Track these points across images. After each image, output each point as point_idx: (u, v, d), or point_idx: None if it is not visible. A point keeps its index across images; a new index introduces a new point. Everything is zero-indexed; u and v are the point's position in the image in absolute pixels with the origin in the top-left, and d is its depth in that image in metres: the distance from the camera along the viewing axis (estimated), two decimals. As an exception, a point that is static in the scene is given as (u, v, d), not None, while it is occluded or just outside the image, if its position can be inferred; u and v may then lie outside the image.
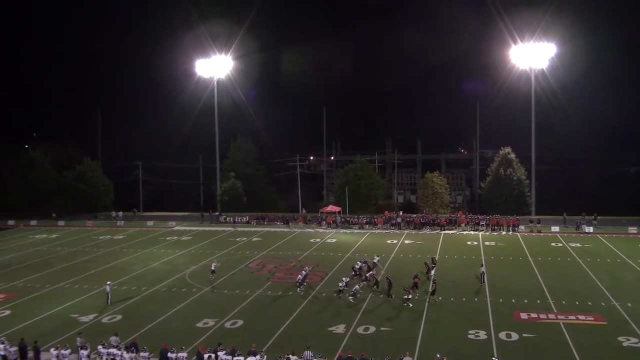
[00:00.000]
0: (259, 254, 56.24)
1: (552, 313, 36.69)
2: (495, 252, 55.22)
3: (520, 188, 77.54)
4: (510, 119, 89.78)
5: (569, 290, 41.42)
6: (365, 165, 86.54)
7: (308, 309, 38.57)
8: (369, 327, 34.49)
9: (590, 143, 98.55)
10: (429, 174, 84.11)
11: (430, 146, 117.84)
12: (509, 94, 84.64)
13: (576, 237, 62.73)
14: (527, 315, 36.26)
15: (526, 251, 55.75)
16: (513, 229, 67.17)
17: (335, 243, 62.37)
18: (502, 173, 77.77)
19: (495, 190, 78.51)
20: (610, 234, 64.21)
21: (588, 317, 35.77)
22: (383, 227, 70.70)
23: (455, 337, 32.76)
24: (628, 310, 37.04)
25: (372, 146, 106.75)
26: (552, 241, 60.64)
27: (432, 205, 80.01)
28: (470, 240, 62.44)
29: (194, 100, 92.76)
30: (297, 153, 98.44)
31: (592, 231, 65.36)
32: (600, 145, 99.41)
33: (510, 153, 79.37)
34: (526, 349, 31.07)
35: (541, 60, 74.15)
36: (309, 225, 73.53)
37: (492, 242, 60.63)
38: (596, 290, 41.92)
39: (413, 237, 64.54)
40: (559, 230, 66.47)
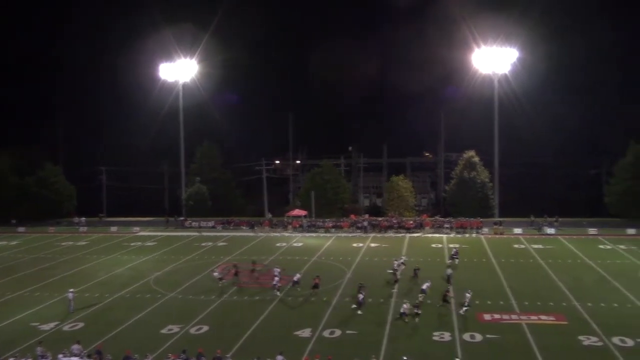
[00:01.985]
0: (224, 259, 55.86)
1: (515, 314, 37.26)
2: (459, 254, 55.75)
3: (484, 191, 78.69)
4: (475, 123, 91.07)
5: (531, 291, 42.09)
6: (331, 169, 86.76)
7: (274, 313, 38.48)
8: (335, 331, 34.54)
9: (553, 146, 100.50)
10: (394, 178, 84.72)
11: (395, 150, 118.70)
12: (473, 98, 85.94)
13: (538, 239, 63.84)
14: (490, 316, 36.73)
15: (489, 253, 56.53)
16: (477, 231, 68.08)
17: (301, 247, 62.38)
18: (466, 176, 78.79)
19: (459, 193, 79.51)
20: (571, 235, 65.49)
21: (550, 317, 36.40)
22: (349, 230, 70.93)
23: (420, 340, 33.03)
24: (588, 310, 37.82)
25: (338, 150, 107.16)
26: (515, 243, 61.61)
27: (398, 208, 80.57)
28: (435, 242, 63.06)
29: (159, 104, 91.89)
30: (264, 157, 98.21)
31: (554, 233, 66.61)
32: (562, 148, 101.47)
33: (474, 156, 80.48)
34: (490, 349, 31.50)
35: (504, 64, 75.42)
36: (275, 230, 73.38)
37: (456, 245, 61.23)
38: (557, 290, 42.71)
39: (379, 241, 64.89)
40: (521, 232, 67.55)
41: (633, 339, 32.39)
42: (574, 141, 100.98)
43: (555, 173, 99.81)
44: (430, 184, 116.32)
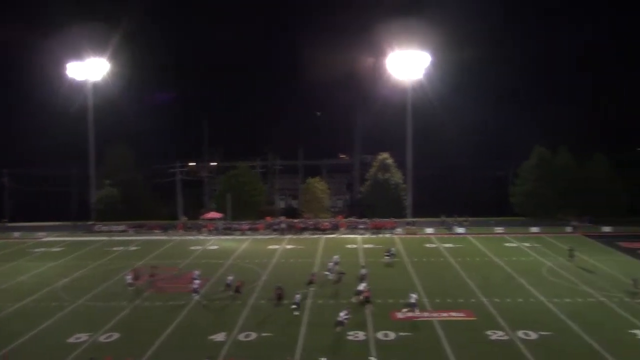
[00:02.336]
0: (136, 264, 54.28)
1: (427, 311, 38.22)
2: (373, 254, 56.72)
3: (398, 192, 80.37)
4: (389, 126, 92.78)
5: (442, 289, 43.33)
6: (247, 171, 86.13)
7: (189, 318, 37.75)
8: (250, 334, 34.28)
9: (463, 149, 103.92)
10: (310, 180, 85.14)
11: (312, 152, 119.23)
12: (389, 101, 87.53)
13: (448, 238, 65.83)
14: (403, 315, 37.50)
15: (403, 252, 57.73)
16: (391, 231, 69.45)
17: (216, 250, 61.57)
18: (381, 178, 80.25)
19: (374, 195, 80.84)
20: (480, 234, 67.93)
21: (459, 314, 37.58)
22: (265, 232, 70.66)
23: (334, 339, 33.26)
24: (495, 305, 39.34)
25: (254, 152, 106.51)
26: (427, 242, 63.26)
27: (314, 210, 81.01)
28: (350, 243, 63.80)
29: (67, 104, 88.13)
30: (178, 159, 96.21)
31: (464, 232, 68.91)
32: (471, 151, 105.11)
33: (388, 158, 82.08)
34: (402, 347, 32.15)
35: (417, 69, 77.19)
36: (190, 233, 72.09)
37: (370, 245, 62.27)
38: (466, 287, 44.18)
39: (294, 242, 64.99)
40: (433, 231, 69.46)
41: (536, 332, 33.95)
42: (483, 144, 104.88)
43: (465, 175, 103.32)
44: (346, 186, 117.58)
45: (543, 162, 78.80)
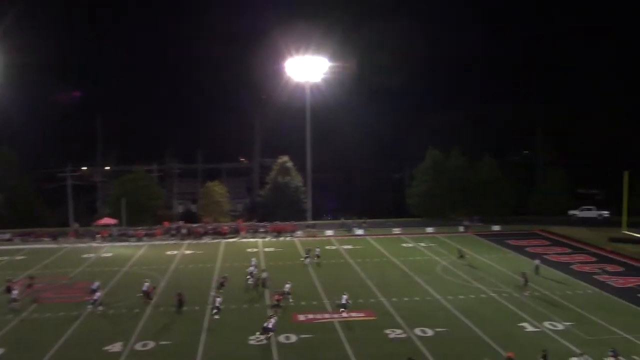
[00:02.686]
0: (22, 274, 51.14)
1: (327, 313, 38.60)
2: (274, 258, 56.67)
3: (298, 195, 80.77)
4: (289, 129, 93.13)
5: (343, 290, 43.73)
6: (144, 175, 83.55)
7: (81, 329, 36.03)
8: (148, 343, 33.21)
9: (361, 152, 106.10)
10: (209, 183, 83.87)
11: (211, 156, 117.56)
12: (288, 104, 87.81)
13: (348, 240, 66.84)
14: (304, 316, 37.67)
15: (303, 255, 57.94)
16: (291, 234, 69.61)
17: (111, 257, 59.17)
18: (281, 181, 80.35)
19: (274, 198, 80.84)
20: (378, 235, 69.44)
21: (359, 314, 38.21)
22: (162, 238, 68.81)
23: (236, 345, 32.89)
24: (393, 304, 40.33)
25: (151, 156, 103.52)
26: (327, 244, 63.88)
27: (213, 214, 79.82)
28: (250, 247, 63.33)
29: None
30: (69, 163, 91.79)
31: (362, 233, 70.20)
32: (369, 153, 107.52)
33: (288, 161, 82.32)
34: (304, 349, 32.25)
35: (316, 73, 77.84)
36: (82, 240, 68.91)
37: (271, 248, 62.13)
38: (366, 288, 45.01)
39: (194, 247, 63.68)
40: (332, 233, 70.28)
41: (432, 329, 35.11)
42: (380, 147, 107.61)
43: (364, 177, 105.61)
44: (246, 189, 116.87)
45: (437, 164, 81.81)
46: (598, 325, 35.92)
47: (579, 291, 43.92)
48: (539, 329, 35.24)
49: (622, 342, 32.69)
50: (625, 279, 47.49)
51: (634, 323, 36.27)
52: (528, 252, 58.05)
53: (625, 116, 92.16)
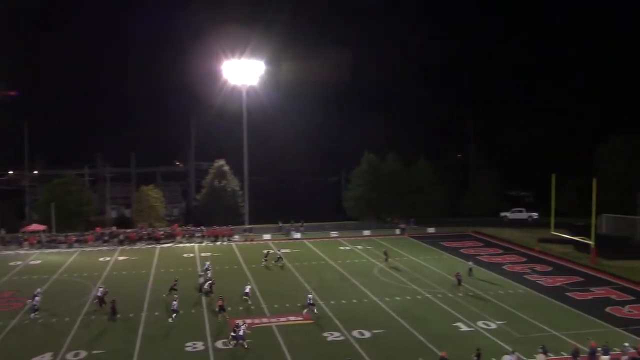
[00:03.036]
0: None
1: (266, 317, 38.38)
2: (212, 263, 55.78)
3: (235, 199, 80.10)
4: (225, 132, 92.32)
5: (281, 294, 43.74)
6: (74, 179, 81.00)
7: (8, 340, 34.54)
8: (80, 353, 32.13)
9: (299, 155, 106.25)
10: (143, 188, 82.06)
11: (145, 159, 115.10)
12: (224, 108, 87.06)
13: (286, 243, 66.68)
14: (242, 321, 37.25)
15: (240, 260, 57.56)
16: (228, 238, 68.94)
17: (39, 264, 56.99)
18: (217, 185, 79.48)
19: (210, 202, 79.88)
20: (315, 238, 69.64)
21: (298, 318, 38.15)
22: (94, 244, 66.83)
23: (172, 352, 32.27)
24: (331, 307, 40.47)
25: (82, 159, 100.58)
26: (265, 248, 63.48)
27: (148, 219, 78.18)
28: (186, 252, 62.34)
29: None
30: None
31: (300, 237, 70.22)
32: (306, 157, 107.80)
33: (225, 165, 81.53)
34: (242, 354, 31.88)
35: (252, 76, 77.46)
36: (8, 247, 66.13)
37: (208, 253, 61.33)
38: (304, 291, 44.92)
39: (127, 253, 62.13)
40: (270, 237, 70.00)
41: (369, 330, 35.43)
42: (317, 150, 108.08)
43: (301, 180, 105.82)
44: (182, 193, 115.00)
45: (372, 167, 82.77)
46: (528, 323, 37.09)
47: (510, 291, 45.26)
48: (472, 329, 36.09)
49: (551, 339, 33.87)
50: (554, 278, 49.28)
51: (562, 320, 37.67)
52: (462, 254, 59.43)
53: (553, 121, 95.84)
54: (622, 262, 54.39)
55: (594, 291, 45.03)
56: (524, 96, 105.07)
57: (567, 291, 45.01)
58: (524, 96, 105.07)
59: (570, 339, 33.68)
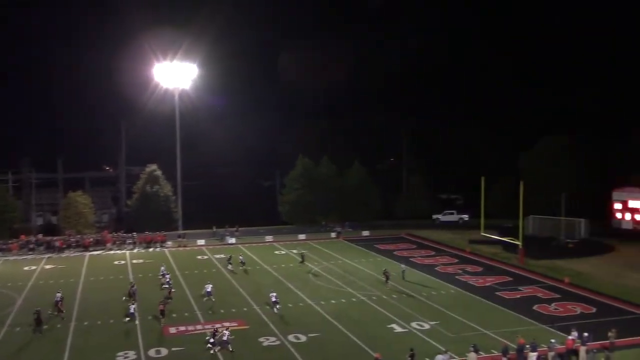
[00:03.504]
0: None
1: (200, 324, 37.76)
2: (143, 270, 54.65)
3: (167, 204, 78.56)
4: (158, 136, 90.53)
5: (215, 300, 43.07)
6: (-4, 185, 77.57)
7: None
8: (3, 366, 30.76)
9: (233, 159, 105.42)
10: (71, 194, 79.37)
11: (73, 164, 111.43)
12: (155, 112, 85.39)
13: (220, 249, 65.89)
14: (176, 329, 36.60)
15: (174, 266, 56.46)
16: (161, 245, 67.54)
17: (-41, 275, 54.24)
18: (149, 190, 77.77)
19: (142, 208, 78.00)
20: (250, 243, 69.08)
21: (233, 323, 37.67)
22: (19, 252, 64.10)
23: (102, 362, 31.31)
24: (266, 312, 40.22)
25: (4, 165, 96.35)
26: (198, 254, 62.59)
27: (76, 226, 75.59)
28: (117, 259, 60.63)
29: None
30: None
31: (235, 242, 69.51)
32: (241, 161, 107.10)
33: (157, 170, 79.87)
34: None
35: (185, 80, 76.16)
36: None
37: (140, 260, 59.88)
38: (239, 297, 44.56)
39: (54, 261, 59.86)
40: (204, 243, 69.00)
41: (305, 334, 35.39)
42: (252, 154, 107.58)
43: (235, 185, 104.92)
44: (112, 199, 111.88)
45: (307, 171, 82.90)
46: (460, 323, 37.92)
47: (442, 291, 46.19)
48: (407, 330, 36.60)
49: (482, 337, 34.72)
50: (484, 278, 50.62)
51: (492, 319, 38.72)
52: (396, 256, 60.23)
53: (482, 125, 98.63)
54: (547, 262, 56.48)
55: (522, 290, 46.52)
56: (455, 101, 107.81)
57: (497, 290, 46.31)
58: (455, 101, 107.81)
59: (500, 337, 34.63)
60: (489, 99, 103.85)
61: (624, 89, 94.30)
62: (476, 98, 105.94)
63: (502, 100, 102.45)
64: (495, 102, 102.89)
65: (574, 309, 41.39)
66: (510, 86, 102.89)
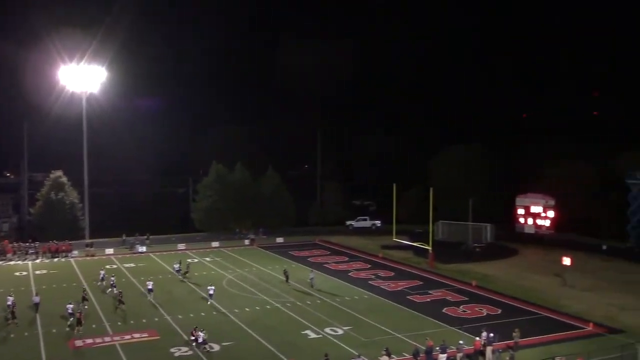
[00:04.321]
0: None
1: (108, 336, 36.45)
2: (47, 281, 52.19)
3: (73, 212, 75.48)
4: (63, 142, 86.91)
5: (124, 311, 41.70)
6: None
7: None
8: None
9: (143, 166, 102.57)
10: (-32, 201, 74.91)
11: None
12: (61, 116, 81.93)
13: (130, 258, 63.94)
14: (82, 342, 35.14)
15: (80, 276, 54.24)
16: (67, 254, 64.74)
17: None
18: (54, 197, 74.44)
19: (47, 216, 74.55)
20: (162, 251, 67.37)
21: (143, 335, 36.64)
22: None
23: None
24: (179, 322, 39.33)
25: None
26: (107, 263, 60.38)
27: (-27, 235, 71.36)
28: (19, 270, 57.52)
29: None
30: None
31: (145, 250, 67.61)
32: (153, 167, 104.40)
33: (62, 176, 76.60)
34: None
35: (93, 83, 73.42)
36: None
37: (44, 271, 57.11)
38: (150, 307, 43.35)
39: (-51, 274, 56.18)
40: (113, 252, 66.74)
41: (219, 343, 34.86)
42: (164, 161, 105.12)
43: (146, 192, 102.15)
44: (13, 207, 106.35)
45: (221, 178, 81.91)
46: (373, 327, 38.54)
47: (356, 297, 46.77)
48: (321, 335, 36.79)
49: (394, 341, 35.42)
50: (396, 282, 51.68)
51: (403, 323, 39.59)
52: (310, 262, 60.47)
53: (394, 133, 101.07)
54: (456, 266, 58.48)
55: (432, 293, 47.87)
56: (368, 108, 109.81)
57: (408, 294, 47.41)
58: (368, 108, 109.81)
59: (411, 339, 35.41)
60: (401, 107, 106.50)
61: (528, 102, 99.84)
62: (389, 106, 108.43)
63: (414, 109, 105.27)
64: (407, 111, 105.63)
65: (481, 310, 42.99)
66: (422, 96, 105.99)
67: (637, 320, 40.54)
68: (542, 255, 64.42)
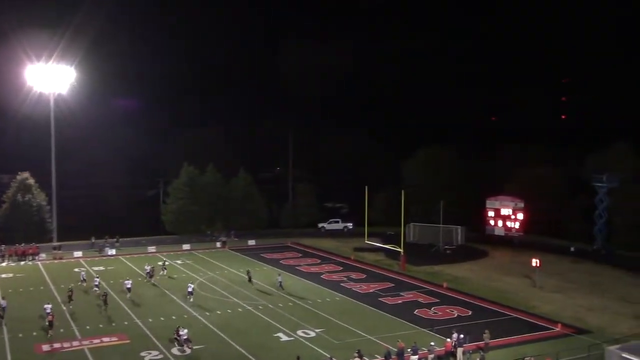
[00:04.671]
0: None
1: (77, 340, 35.89)
2: (14, 285, 51.11)
3: (41, 214, 74.14)
4: (30, 143, 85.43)
5: (94, 315, 41.16)
6: None
7: None
8: None
9: (112, 168, 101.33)
10: None
11: None
12: (28, 117, 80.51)
13: (99, 261, 62.94)
14: (49, 346, 34.52)
15: (48, 280, 53.27)
16: (33, 257, 63.51)
17: None
18: (20, 199, 73.04)
19: (13, 218, 73.04)
20: (132, 254, 66.52)
21: (112, 338, 36.14)
22: None
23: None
24: (149, 325, 38.87)
25: None
26: (75, 267, 59.37)
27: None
28: (-16, 274, 56.35)
29: None
30: None
31: (115, 253, 66.68)
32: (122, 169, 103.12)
33: (29, 178, 75.19)
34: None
35: (61, 83, 72.29)
36: None
37: (10, 274, 55.93)
38: (120, 310, 42.76)
39: None
40: (82, 255, 65.67)
41: (190, 347, 34.45)
42: (134, 163, 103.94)
43: (116, 194, 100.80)
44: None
45: (192, 180, 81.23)
46: (345, 329, 38.56)
47: (328, 299, 46.75)
48: (293, 338, 36.68)
49: (366, 343, 35.47)
50: (368, 284, 51.78)
51: (375, 325, 39.69)
52: (282, 265, 60.30)
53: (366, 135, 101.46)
54: (427, 268, 58.85)
55: (404, 295, 48.09)
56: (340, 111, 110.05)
57: (380, 296, 47.55)
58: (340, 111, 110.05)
59: (383, 341, 35.50)
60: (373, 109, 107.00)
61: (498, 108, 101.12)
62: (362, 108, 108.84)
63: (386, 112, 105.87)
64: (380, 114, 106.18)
65: (451, 312, 43.31)
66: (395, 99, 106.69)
67: (604, 321, 41.30)
68: (511, 257, 65.20)
